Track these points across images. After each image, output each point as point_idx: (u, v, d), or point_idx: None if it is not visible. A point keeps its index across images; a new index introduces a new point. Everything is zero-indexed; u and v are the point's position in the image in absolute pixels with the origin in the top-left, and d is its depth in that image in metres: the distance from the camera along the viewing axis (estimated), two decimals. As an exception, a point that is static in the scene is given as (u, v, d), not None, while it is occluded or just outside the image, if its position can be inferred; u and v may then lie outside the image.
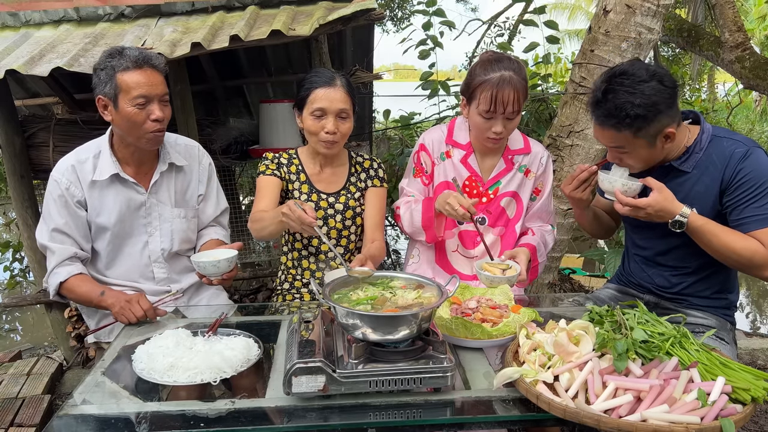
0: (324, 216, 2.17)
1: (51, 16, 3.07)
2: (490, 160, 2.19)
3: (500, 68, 1.95)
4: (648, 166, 1.80)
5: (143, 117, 1.88)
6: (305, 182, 2.18)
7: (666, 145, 1.72)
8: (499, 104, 1.94)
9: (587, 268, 4.82)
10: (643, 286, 2.01)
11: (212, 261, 1.86)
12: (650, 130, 1.66)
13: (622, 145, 1.72)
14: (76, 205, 1.98)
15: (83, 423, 1.27)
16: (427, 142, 2.22)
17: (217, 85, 3.92)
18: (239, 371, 1.43)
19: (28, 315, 4.98)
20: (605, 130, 1.72)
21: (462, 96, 2.10)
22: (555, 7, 17.01)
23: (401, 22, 7.70)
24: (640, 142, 1.69)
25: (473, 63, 2.08)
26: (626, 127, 1.66)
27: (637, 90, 1.63)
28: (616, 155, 1.78)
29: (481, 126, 2.03)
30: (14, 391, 2.79)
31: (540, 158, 2.22)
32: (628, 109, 1.63)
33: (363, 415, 1.29)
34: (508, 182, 2.19)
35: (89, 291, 1.93)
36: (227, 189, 3.34)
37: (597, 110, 1.72)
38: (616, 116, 1.65)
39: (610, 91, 1.67)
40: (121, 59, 1.86)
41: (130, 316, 1.79)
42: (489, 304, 1.71)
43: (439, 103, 4.19)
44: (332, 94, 2.01)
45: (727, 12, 4.39)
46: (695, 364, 1.31)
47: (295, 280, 2.25)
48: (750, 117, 13.43)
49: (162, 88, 1.91)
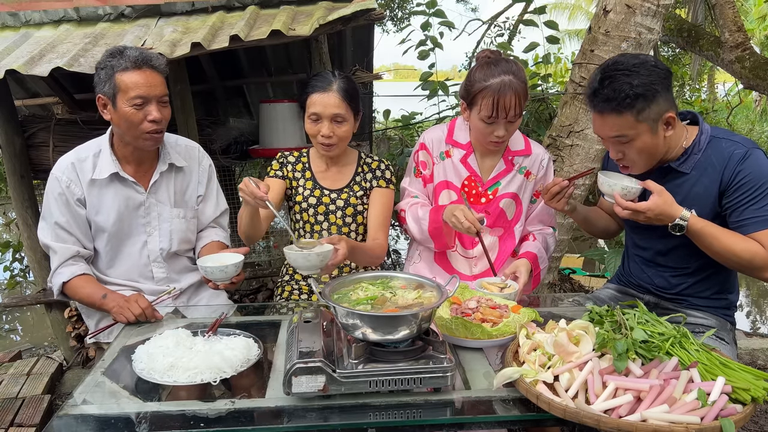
0: (325, 212, 2.20)
1: (51, 16, 3.07)
2: (489, 161, 2.19)
3: (500, 73, 1.93)
4: (650, 162, 1.78)
5: (140, 117, 1.88)
6: (310, 179, 2.22)
7: (667, 133, 1.71)
8: (501, 110, 1.94)
9: (587, 268, 4.82)
10: (642, 287, 2.01)
11: (220, 266, 1.82)
12: (651, 113, 1.66)
13: (624, 133, 1.69)
14: (76, 203, 1.98)
15: (83, 423, 1.27)
16: (428, 141, 2.22)
17: (217, 85, 3.91)
18: (239, 371, 1.43)
19: (28, 315, 4.98)
20: (606, 117, 1.70)
21: (462, 101, 2.09)
22: (555, 7, 17.01)
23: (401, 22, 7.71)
24: (643, 127, 1.67)
25: (472, 66, 2.06)
26: (628, 109, 1.65)
27: (633, 72, 1.64)
28: (617, 149, 1.76)
29: (483, 130, 2.02)
30: (14, 391, 2.79)
31: (541, 160, 2.21)
32: (627, 90, 1.63)
33: (363, 415, 1.29)
34: (508, 183, 2.18)
35: (91, 294, 1.94)
36: (227, 189, 3.35)
37: (595, 99, 1.71)
38: (615, 98, 1.65)
39: (606, 78, 1.67)
40: (121, 59, 1.86)
41: (128, 315, 1.79)
42: (489, 304, 1.71)
43: (438, 103, 4.20)
44: (326, 99, 2.03)
45: (727, 12, 4.39)
46: (695, 364, 1.31)
47: (296, 273, 2.28)
48: (750, 117, 13.44)
49: (161, 89, 1.91)
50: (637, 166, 1.79)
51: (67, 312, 3.22)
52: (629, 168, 1.82)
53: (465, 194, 2.17)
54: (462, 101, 2.09)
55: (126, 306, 1.81)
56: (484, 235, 2.17)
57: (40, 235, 2.01)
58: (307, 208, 2.20)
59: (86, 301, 1.97)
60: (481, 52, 2.08)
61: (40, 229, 2.01)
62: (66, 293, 1.99)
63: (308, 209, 2.20)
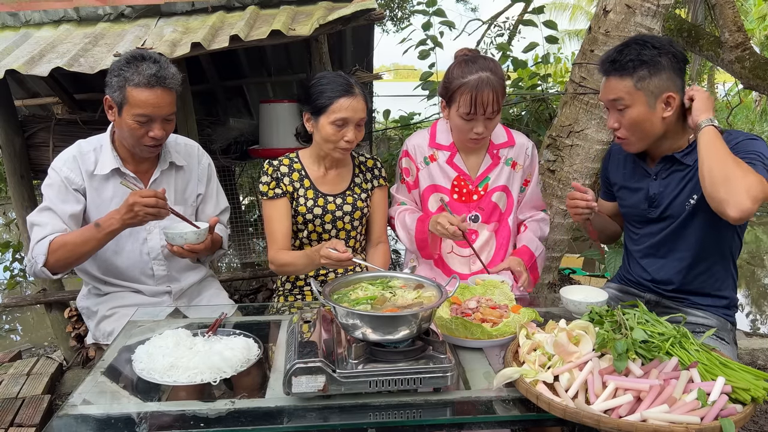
0: (333, 219, 2.15)
1: (51, 16, 3.07)
2: (475, 158, 2.20)
3: (477, 69, 1.95)
4: (643, 140, 1.81)
5: (142, 132, 1.89)
6: (309, 187, 2.15)
7: (665, 114, 1.74)
8: (479, 106, 1.95)
9: (587, 268, 4.82)
10: (643, 284, 2.02)
11: (180, 232, 1.88)
12: (651, 85, 1.71)
13: (620, 96, 1.75)
14: (75, 192, 1.96)
15: (83, 423, 1.27)
16: (410, 147, 2.24)
17: (217, 85, 3.92)
18: (239, 371, 1.43)
19: (28, 315, 4.98)
20: (610, 79, 1.77)
21: (441, 99, 2.10)
22: (555, 7, 17.01)
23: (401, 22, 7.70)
24: (640, 96, 1.72)
25: (450, 65, 2.07)
26: (629, 73, 1.71)
27: (647, 44, 1.72)
28: (615, 117, 1.81)
29: (462, 127, 2.04)
30: (14, 391, 2.79)
31: (525, 149, 2.23)
32: (634, 56, 1.71)
33: (363, 415, 1.29)
34: (497, 177, 2.20)
35: (81, 233, 1.83)
36: (227, 189, 3.34)
37: (605, 63, 1.78)
38: (620, 61, 1.73)
39: (622, 45, 1.76)
40: (136, 73, 1.83)
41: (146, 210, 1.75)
42: (489, 304, 1.71)
43: (438, 103, 4.19)
44: (354, 104, 1.98)
45: (727, 12, 4.39)
46: (695, 364, 1.31)
47: (298, 280, 2.25)
48: (750, 117, 13.43)
49: (169, 108, 1.90)
50: (629, 141, 1.82)
51: (67, 312, 3.22)
52: (623, 142, 1.85)
53: (456, 195, 2.18)
54: (441, 99, 2.10)
55: (139, 211, 1.75)
56: (479, 231, 2.20)
57: (28, 217, 1.93)
58: (313, 219, 2.13)
59: (80, 241, 1.82)
60: (459, 51, 2.09)
61: (30, 214, 1.94)
62: (51, 263, 1.83)
63: (314, 219, 2.14)
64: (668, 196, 1.85)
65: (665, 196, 1.86)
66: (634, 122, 1.76)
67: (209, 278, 2.31)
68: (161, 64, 1.88)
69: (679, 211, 1.84)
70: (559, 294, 1.80)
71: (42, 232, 1.87)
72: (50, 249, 1.84)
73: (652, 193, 1.88)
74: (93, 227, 1.83)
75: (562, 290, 1.79)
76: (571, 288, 1.82)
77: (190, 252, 1.92)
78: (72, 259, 1.87)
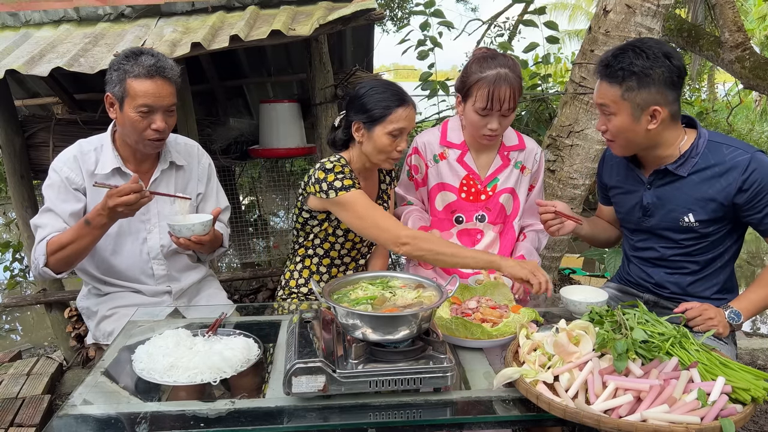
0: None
1: (51, 16, 3.07)
2: (485, 158, 2.20)
3: (496, 65, 1.95)
4: (627, 148, 1.81)
5: (145, 125, 1.89)
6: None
7: (650, 127, 1.72)
8: (496, 101, 1.95)
9: (587, 268, 4.83)
10: (642, 285, 2.02)
11: (187, 224, 1.89)
12: (638, 97, 1.68)
13: (606, 103, 1.74)
14: (76, 192, 1.96)
15: (83, 423, 1.27)
16: (420, 144, 2.23)
17: (217, 85, 3.91)
18: (239, 371, 1.43)
19: (28, 315, 4.98)
20: (601, 83, 1.76)
21: (457, 93, 2.10)
22: (555, 7, 17.00)
23: (401, 22, 7.71)
24: (626, 106, 1.70)
25: (468, 61, 2.08)
26: (617, 82, 1.69)
27: (643, 53, 1.68)
28: (602, 121, 1.81)
29: (476, 123, 2.04)
30: (14, 391, 2.79)
31: (534, 154, 2.24)
32: (625, 64, 1.68)
33: (363, 415, 1.29)
34: (506, 179, 2.20)
35: (73, 231, 1.83)
36: (227, 189, 3.34)
37: (600, 65, 1.76)
38: (612, 66, 1.70)
39: (620, 49, 1.73)
40: (135, 65, 1.84)
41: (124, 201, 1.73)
42: (489, 304, 1.71)
43: (438, 103, 4.19)
44: (411, 113, 1.93)
45: (727, 12, 4.39)
46: (695, 364, 1.31)
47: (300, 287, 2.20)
48: (750, 117, 13.41)
49: (169, 99, 1.90)
50: (616, 145, 1.82)
51: (67, 312, 3.22)
52: (611, 145, 1.85)
53: (464, 193, 2.17)
54: (457, 94, 2.10)
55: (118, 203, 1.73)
56: (485, 231, 2.21)
57: (32, 220, 1.95)
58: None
59: (73, 239, 1.83)
60: (478, 49, 2.10)
61: (33, 217, 1.96)
62: (52, 262, 1.86)
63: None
64: (662, 207, 1.84)
65: (659, 208, 1.85)
66: (618, 130, 1.75)
67: (209, 278, 2.32)
68: (159, 56, 1.91)
69: (674, 226, 1.83)
70: (559, 294, 1.80)
71: (42, 233, 1.90)
72: (48, 249, 1.86)
73: (645, 202, 1.88)
74: (83, 224, 1.83)
75: (562, 290, 1.80)
76: (571, 288, 1.82)
77: (197, 243, 1.92)
78: (71, 257, 1.88)
